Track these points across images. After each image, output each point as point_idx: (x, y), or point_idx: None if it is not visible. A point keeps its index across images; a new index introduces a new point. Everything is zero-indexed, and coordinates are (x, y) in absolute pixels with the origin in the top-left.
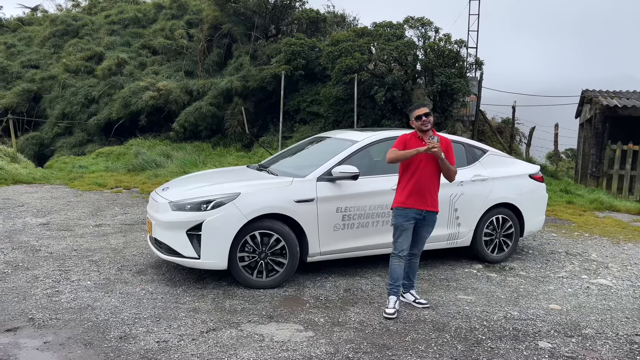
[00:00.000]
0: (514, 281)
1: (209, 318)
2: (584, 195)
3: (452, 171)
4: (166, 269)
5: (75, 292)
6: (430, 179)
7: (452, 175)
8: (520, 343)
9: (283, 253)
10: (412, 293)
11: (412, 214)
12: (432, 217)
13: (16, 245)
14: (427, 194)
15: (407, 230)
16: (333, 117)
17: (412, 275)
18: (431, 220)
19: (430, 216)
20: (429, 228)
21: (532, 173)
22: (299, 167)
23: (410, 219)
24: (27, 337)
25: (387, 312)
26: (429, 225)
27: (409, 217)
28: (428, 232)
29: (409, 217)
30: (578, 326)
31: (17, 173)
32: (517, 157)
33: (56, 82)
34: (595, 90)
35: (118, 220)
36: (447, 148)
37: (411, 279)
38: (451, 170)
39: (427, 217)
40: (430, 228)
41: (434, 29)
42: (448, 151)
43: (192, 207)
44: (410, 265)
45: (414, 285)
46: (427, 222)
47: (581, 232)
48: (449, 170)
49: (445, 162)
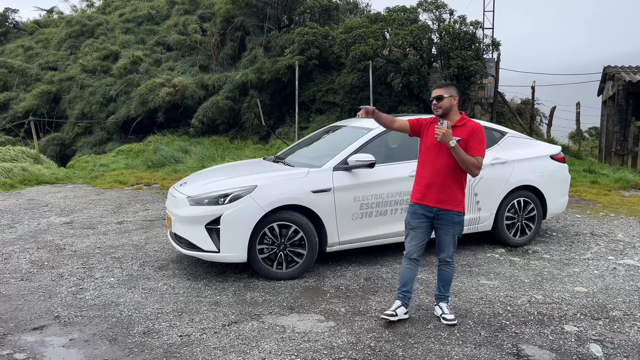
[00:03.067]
0: (538, 265)
1: (231, 311)
2: (609, 174)
3: (469, 163)
4: (187, 263)
5: (99, 289)
6: (445, 172)
7: (470, 169)
8: (545, 327)
9: (302, 244)
10: (442, 306)
11: (420, 211)
12: (450, 216)
13: (41, 245)
14: (440, 188)
15: (415, 229)
16: (349, 105)
17: (442, 285)
18: (449, 221)
19: (446, 216)
20: (447, 229)
21: (554, 154)
22: (315, 157)
23: (419, 216)
24: (53, 334)
25: (384, 312)
26: (447, 226)
27: (417, 214)
28: (449, 234)
29: (417, 215)
30: (605, 308)
31: (41, 174)
32: (538, 138)
33: (74, 83)
34: (617, 66)
35: (139, 217)
36: (471, 135)
37: (442, 290)
38: (467, 161)
39: (442, 216)
40: (450, 230)
41: (449, 11)
42: (471, 139)
43: (209, 201)
44: (440, 273)
45: (445, 297)
46: (443, 222)
47: (606, 212)
48: (464, 162)
49: (458, 151)
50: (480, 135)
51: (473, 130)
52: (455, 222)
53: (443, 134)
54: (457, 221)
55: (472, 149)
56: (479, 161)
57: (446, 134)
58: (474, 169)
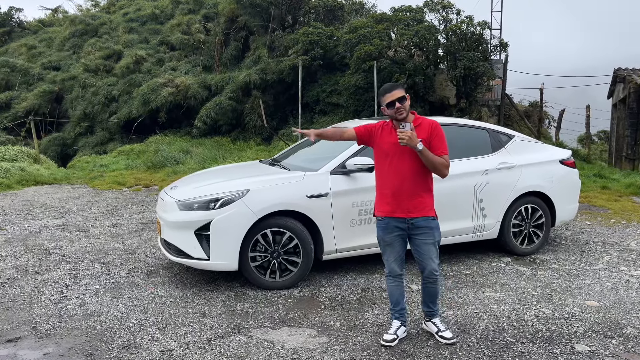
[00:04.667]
0: (546, 275)
1: (218, 323)
2: (620, 179)
3: (438, 164)
4: (178, 270)
5: (82, 297)
6: (412, 177)
7: (440, 170)
8: (554, 346)
9: (297, 252)
10: (436, 322)
11: (393, 224)
12: (425, 222)
13: (29, 249)
14: (409, 196)
15: (390, 245)
16: (353, 106)
17: (430, 302)
18: (424, 227)
19: (420, 222)
20: (426, 237)
21: (563, 158)
22: (312, 160)
23: (392, 229)
24: (27, 348)
25: (384, 339)
26: (424, 234)
27: (389, 228)
28: (429, 243)
29: (390, 229)
30: (618, 325)
31: (39, 174)
32: (546, 141)
33: (77, 82)
34: (628, 68)
35: (134, 220)
36: (432, 133)
37: (430, 307)
38: (437, 163)
39: (417, 224)
40: (429, 237)
41: (456, 12)
42: (433, 138)
43: (199, 206)
44: (426, 290)
45: (435, 312)
46: (420, 231)
47: (618, 219)
48: (433, 165)
49: (426, 154)
50: (441, 133)
51: (432, 128)
52: (432, 227)
53: (409, 137)
54: (434, 226)
55: (436, 148)
56: (447, 160)
57: (412, 137)
58: (444, 169)
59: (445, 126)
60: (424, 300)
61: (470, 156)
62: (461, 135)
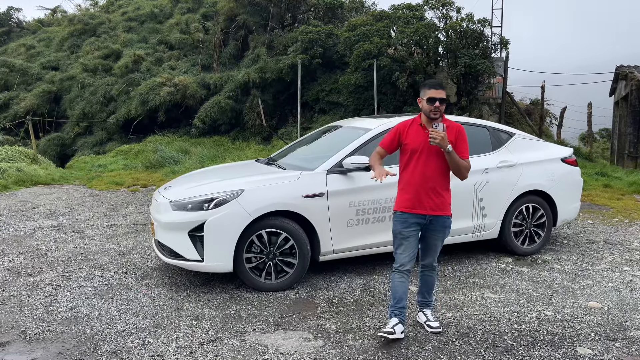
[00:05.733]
0: (548, 276)
1: (211, 327)
2: (622, 177)
3: (462, 167)
4: (172, 272)
5: (74, 300)
6: (436, 177)
7: (463, 173)
8: (556, 350)
9: (293, 253)
10: (426, 313)
11: (412, 220)
12: (442, 221)
13: (23, 250)
14: (431, 195)
15: (407, 239)
16: (353, 105)
17: (426, 291)
18: (440, 226)
19: (438, 221)
20: (439, 235)
21: (565, 157)
22: (308, 159)
23: (411, 225)
24: (15, 352)
25: (383, 330)
26: (438, 232)
27: (408, 223)
28: (439, 240)
29: (409, 224)
30: (622, 327)
31: (36, 174)
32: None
33: (75, 82)
34: (630, 65)
35: (130, 220)
36: (458, 137)
37: (426, 297)
38: (461, 166)
39: (435, 221)
40: (441, 234)
41: (456, 9)
42: (458, 141)
43: (193, 206)
44: (424, 279)
45: (429, 303)
46: (435, 228)
47: (620, 218)
48: (458, 167)
49: (453, 156)
50: (465, 137)
51: (458, 131)
52: (446, 227)
53: (442, 138)
54: (448, 225)
55: (461, 151)
56: (469, 164)
57: (444, 138)
58: (465, 172)
59: None
60: (420, 290)
61: (470, 154)
62: None
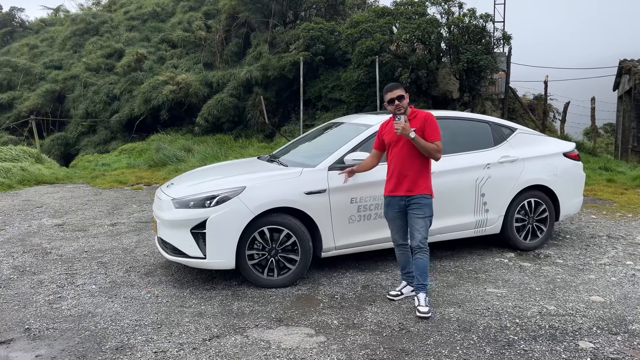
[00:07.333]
0: (550, 270)
1: (214, 323)
2: (626, 172)
3: (431, 149)
4: (175, 269)
5: (78, 297)
6: (410, 162)
7: (433, 154)
8: (558, 344)
9: (295, 249)
10: (419, 297)
11: (393, 202)
12: (417, 199)
13: (27, 248)
14: (407, 178)
15: (392, 220)
16: (355, 102)
17: (419, 274)
18: (416, 204)
19: (414, 200)
20: (417, 212)
21: (567, 151)
22: (310, 156)
23: (394, 207)
24: (19, 349)
25: (389, 293)
26: (417, 209)
27: (390, 205)
28: (419, 217)
29: (391, 206)
30: (624, 321)
31: (40, 174)
32: (551, 134)
33: (78, 82)
34: (634, 59)
35: (134, 219)
36: (425, 124)
37: (419, 279)
38: (429, 148)
39: (412, 201)
40: (419, 212)
41: (458, 4)
42: (426, 127)
43: (195, 203)
44: (415, 262)
45: (424, 287)
46: (412, 207)
47: (624, 212)
48: (426, 149)
49: (418, 140)
50: (433, 122)
51: (425, 119)
52: (424, 204)
53: (402, 127)
54: (426, 203)
55: (429, 135)
56: (439, 145)
57: (405, 127)
58: (436, 153)
59: (445, 119)
60: (415, 272)
61: (471, 150)
62: (462, 129)
